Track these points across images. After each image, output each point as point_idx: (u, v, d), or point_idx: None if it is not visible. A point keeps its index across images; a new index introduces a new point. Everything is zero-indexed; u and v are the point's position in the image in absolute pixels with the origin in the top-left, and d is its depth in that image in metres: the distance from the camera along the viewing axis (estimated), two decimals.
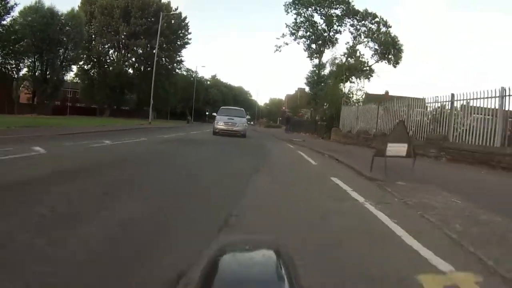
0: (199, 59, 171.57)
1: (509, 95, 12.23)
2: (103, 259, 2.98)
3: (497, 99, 12.68)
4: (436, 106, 16.24)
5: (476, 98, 13.67)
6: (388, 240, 4.04)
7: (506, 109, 12.46)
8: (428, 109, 16.99)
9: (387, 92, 68.17)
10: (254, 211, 4.92)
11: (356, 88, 36.27)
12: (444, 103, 15.52)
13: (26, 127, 17.83)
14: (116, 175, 7.08)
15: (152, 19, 52.75)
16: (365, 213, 5.17)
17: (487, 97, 13.09)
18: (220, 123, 23.43)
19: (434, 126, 15.74)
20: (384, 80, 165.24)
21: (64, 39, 41.66)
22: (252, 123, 27.99)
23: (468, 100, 14.13)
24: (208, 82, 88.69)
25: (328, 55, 62.76)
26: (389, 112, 20.04)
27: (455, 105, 14.80)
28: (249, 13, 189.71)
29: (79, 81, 54.43)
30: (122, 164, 8.89)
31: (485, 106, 13.37)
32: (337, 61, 43.93)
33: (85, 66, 53.55)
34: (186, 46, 59.71)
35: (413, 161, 8.67)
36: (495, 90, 12.74)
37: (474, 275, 3.05)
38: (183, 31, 58.17)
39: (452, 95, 14.93)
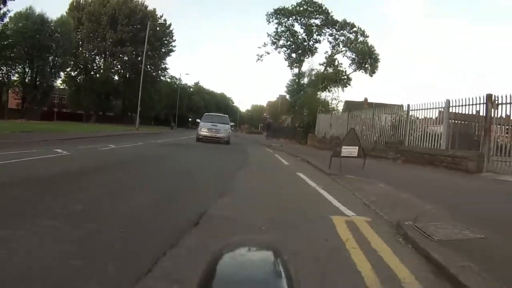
0: (183, 66, 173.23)
1: (453, 106, 14.47)
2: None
3: (443, 109, 14.94)
4: (395, 114, 18.52)
5: (427, 109, 15.93)
6: (321, 201, 6.49)
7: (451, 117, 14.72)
8: (390, 117, 19.21)
9: (366, 99, 70.50)
10: (240, 188, 7.65)
11: (332, 97, 38.53)
12: (403, 111, 17.78)
13: (24, 132, 19.32)
14: (137, 168, 9.97)
15: (138, 26, 54.12)
16: (312, 190, 7.74)
17: (435, 108, 15.39)
18: (204, 129, 23.14)
19: (393, 132, 17.97)
20: (373, 86, 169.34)
21: (54, 45, 42.63)
22: (234, 129, 28.91)
23: (421, 110, 16.39)
24: (191, 89, 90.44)
25: (308, 64, 65.19)
26: (356, 119, 22.21)
27: (410, 114, 17.02)
28: (232, 20, 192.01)
29: (66, 87, 55.49)
30: (137, 161, 11.50)
31: (434, 115, 15.75)
32: (314, 72, 45.86)
33: (72, 73, 54.65)
34: (170, 53, 61.75)
35: (363, 161, 10.73)
36: (441, 101, 15.05)
37: (366, 218, 5.11)
38: (167, 38, 59.61)
39: (408, 105, 17.25)
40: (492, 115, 12.65)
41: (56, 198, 5.24)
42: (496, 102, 12.59)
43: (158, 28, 54.37)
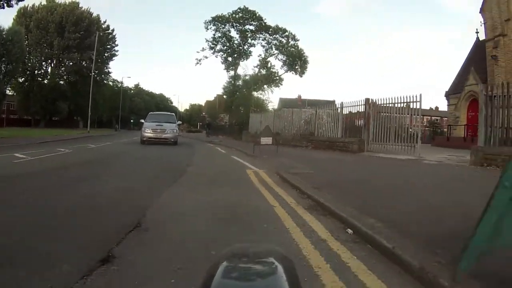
0: (124, 68, 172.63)
1: (345, 107, 19.85)
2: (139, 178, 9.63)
3: (338, 109, 20.34)
4: (309, 113, 23.86)
5: (329, 110, 21.33)
6: (243, 166, 11.63)
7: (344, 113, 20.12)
8: (304, 114, 24.54)
9: (299, 96, 75.97)
10: (197, 163, 12.49)
11: (265, 97, 43.52)
12: (313, 111, 23.13)
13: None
14: (134, 156, 14.34)
15: (85, 33, 55.78)
16: (239, 163, 12.85)
17: (332, 109, 20.82)
18: (148, 130, 21.51)
19: (307, 126, 23.27)
20: (308, 83, 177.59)
21: (5, 53, 43.41)
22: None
23: (325, 109, 21.76)
24: (132, 91, 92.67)
25: (243, 65, 69.73)
26: (280, 117, 27.43)
27: (318, 112, 22.35)
28: (171, 20, 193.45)
29: (14, 93, 56.06)
30: (121, 156, 15.11)
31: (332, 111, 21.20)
32: (247, 77, 49.48)
33: (20, 79, 55.14)
34: (113, 58, 64.06)
35: (276, 146, 15.67)
36: (337, 103, 20.49)
37: (264, 170, 10.03)
38: (110, 43, 62.16)
39: (316, 107, 22.61)
40: (369, 112, 18.07)
41: (102, 168, 9.87)
42: (371, 103, 18.05)
43: (102, 34, 56.31)
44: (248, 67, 66.34)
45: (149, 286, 2.83)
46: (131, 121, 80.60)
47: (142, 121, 23.41)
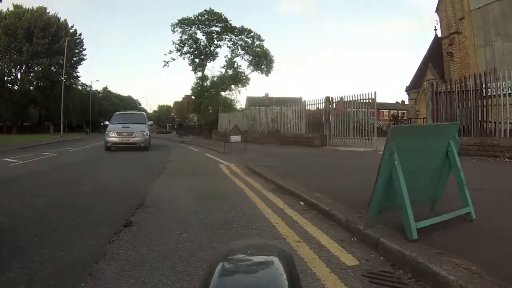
0: (91, 71, 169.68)
1: (307, 105, 21.27)
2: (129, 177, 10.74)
3: (302, 106, 21.77)
4: (275, 111, 25.23)
5: (294, 107, 22.73)
6: (215, 161, 12.93)
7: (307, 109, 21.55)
8: (271, 113, 25.90)
9: (266, 94, 77.06)
10: (175, 160, 13.73)
11: (232, 97, 44.68)
12: (279, 109, 24.51)
13: None
14: (108, 159, 14.69)
15: (53, 38, 54.88)
16: (212, 159, 13.94)
17: (297, 107, 22.22)
18: (112, 134, 18.38)
19: (274, 124, 24.62)
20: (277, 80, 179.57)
21: None
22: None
23: (290, 107, 23.16)
24: (100, 94, 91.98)
25: (210, 67, 70.56)
26: (248, 116, 28.75)
27: (283, 110, 23.74)
28: (138, 21, 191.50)
29: None
30: (104, 156, 15.99)
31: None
32: (215, 78, 50.42)
33: None
34: (81, 62, 63.37)
35: (245, 144, 16.92)
36: (302, 101, 21.84)
37: (234, 164, 11.30)
38: (78, 48, 61.66)
39: (281, 105, 23.99)
40: (330, 109, 19.55)
41: (92, 167, 10.96)
42: (331, 101, 19.54)
43: (70, 39, 55.78)
44: (215, 68, 67.25)
45: (162, 235, 4.15)
46: (101, 124, 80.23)
47: (107, 123, 20.27)
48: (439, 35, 27.42)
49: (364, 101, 17.82)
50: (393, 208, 4.01)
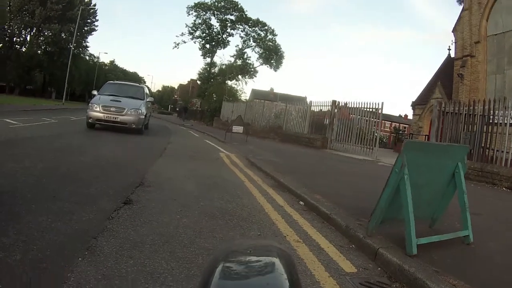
0: (101, 43, 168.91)
1: (312, 106, 21.28)
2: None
3: (307, 107, 21.78)
4: (280, 107, 25.23)
5: (299, 106, 22.72)
6: (216, 150, 12.92)
7: (311, 110, 21.57)
8: (275, 108, 25.90)
9: (272, 89, 77.18)
10: (175, 142, 13.81)
11: (238, 87, 44.60)
12: (284, 106, 24.51)
13: None
14: (109, 132, 14.72)
15: (67, 5, 54.04)
16: (212, 146, 13.98)
17: (302, 106, 22.22)
18: (96, 108, 14.21)
19: (277, 120, 24.62)
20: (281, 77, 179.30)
21: None
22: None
23: (295, 106, 23.17)
24: (107, 67, 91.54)
25: (220, 54, 70.41)
26: (252, 109, 28.72)
27: (288, 107, 23.75)
28: (150, 2, 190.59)
29: None
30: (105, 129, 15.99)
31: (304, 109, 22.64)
32: (223, 67, 50.24)
33: None
34: (92, 33, 63.07)
35: (246, 136, 16.94)
36: (307, 101, 21.85)
37: (235, 154, 11.30)
38: (91, 18, 61.29)
39: (287, 102, 23.98)
40: (335, 114, 19.56)
41: (93, 139, 10.86)
42: (337, 105, 19.55)
43: (83, 7, 55.28)
44: (224, 56, 67.14)
45: (162, 217, 4.13)
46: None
47: (95, 92, 16.02)
48: (452, 55, 27.31)
49: (370, 110, 17.86)
50: (394, 220, 4.05)
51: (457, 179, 4.19)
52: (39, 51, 56.95)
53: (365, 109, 18.08)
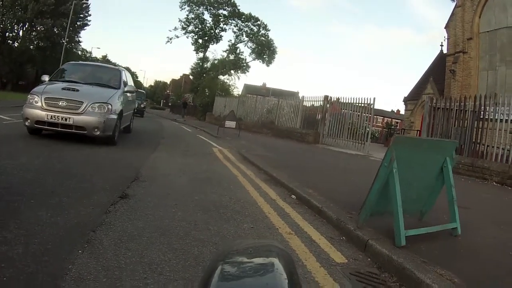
0: (93, 37, 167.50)
1: (305, 101, 21.36)
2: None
3: (299, 101, 21.87)
4: (272, 102, 25.29)
5: (291, 101, 22.80)
6: (209, 144, 13.00)
7: (304, 105, 21.65)
8: (267, 103, 25.95)
9: (264, 84, 77.03)
10: (168, 136, 13.84)
11: (231, 82, 44.63)
12: (276, 101, 24.58)
13: None
14: None
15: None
16: (205, 142, 14.05)
17: (294, 101, 22.31)
18: (37, 102, 8.54)
19: (269, 115, 24.69)
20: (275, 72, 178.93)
21: None
22: (141, 102, 28.13)
23: (287, 101, 23.24)
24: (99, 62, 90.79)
25: (212, 49, 70.25)
26: (244, 104, 28.75)
27: (280, 102, 23.81)
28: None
29: None
30: None
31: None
32: (216, 62, 50.15)
33: None
34: (85, 27, 62.38)
35: (238, 131, 17.00)
36: (299, 96, 21.93)
37: (227, 149, 11.37)
38: (84, 12, 60.74)
39: (279, 97, 24.02)
40: (327, 109, 19.65)
41: None
42: (329, 100, 19.64)
43: (76, 2, 54.62)
44: (217, 51, 67.08)
45: (158, 211, 4.22)
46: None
47: (45, 78, 10.31)
48: (445, 51, 27.46)
49: (362, 105, 17.95)
50: (383, 213, 4.14)
51: (445, 173, 4.30)
52: (31, 46, 56.31)
53: (357, 104, 18.15)
